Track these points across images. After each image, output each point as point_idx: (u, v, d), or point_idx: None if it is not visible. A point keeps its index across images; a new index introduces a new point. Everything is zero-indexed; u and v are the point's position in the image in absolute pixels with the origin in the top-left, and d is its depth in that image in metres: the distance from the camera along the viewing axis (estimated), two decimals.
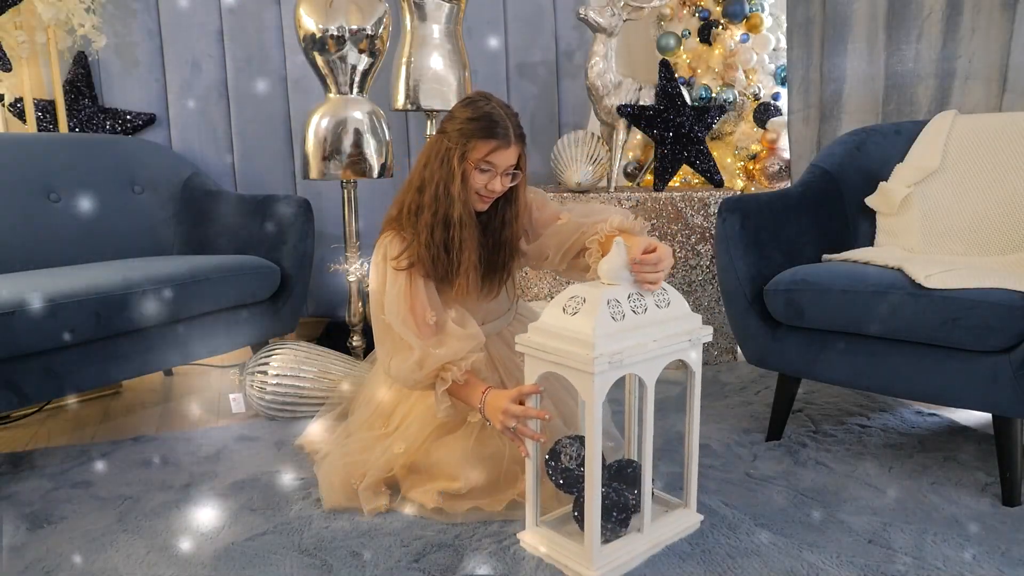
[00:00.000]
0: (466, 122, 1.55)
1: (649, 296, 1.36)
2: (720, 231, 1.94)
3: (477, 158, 1.55)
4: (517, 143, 1.58)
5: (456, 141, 1.55)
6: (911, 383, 1.63)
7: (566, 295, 1.34)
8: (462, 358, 1.52)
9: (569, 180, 2.68)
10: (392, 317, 1.57)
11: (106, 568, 1.39)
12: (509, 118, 1.57)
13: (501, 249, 1.67)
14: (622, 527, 1.38)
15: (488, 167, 1.56)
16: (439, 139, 1.60)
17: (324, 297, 3.04)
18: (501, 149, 1.55)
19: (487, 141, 1.54)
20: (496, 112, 1.56)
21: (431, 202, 1.58)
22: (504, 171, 1.58)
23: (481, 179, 1.57)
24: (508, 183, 1.61)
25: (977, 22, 2.37)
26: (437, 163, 1.58)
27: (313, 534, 1.49)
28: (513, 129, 1.57)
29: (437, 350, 1.52)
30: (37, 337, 1.72)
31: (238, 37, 2.90)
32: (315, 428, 1.93)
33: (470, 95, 1.63)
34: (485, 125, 1.54)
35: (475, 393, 1.50)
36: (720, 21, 3.03)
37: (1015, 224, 1.85)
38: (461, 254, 1.59)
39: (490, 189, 1.58)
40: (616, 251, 1.35)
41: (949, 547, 1.41)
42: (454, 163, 1.55)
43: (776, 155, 2.97)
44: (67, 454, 1.95)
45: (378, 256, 1.65)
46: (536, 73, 3.18)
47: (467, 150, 1.55)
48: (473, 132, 1.54)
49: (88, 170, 2.47)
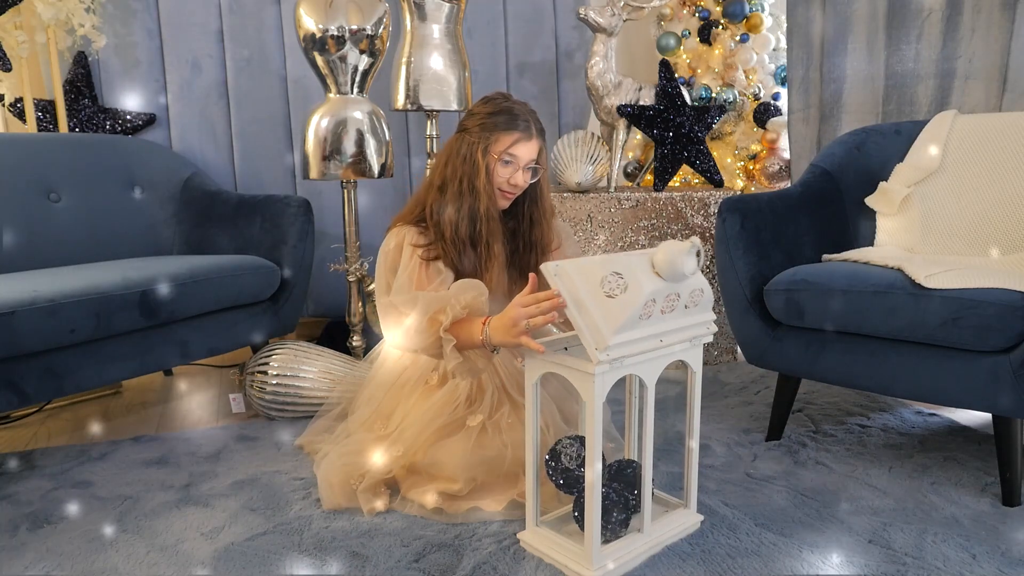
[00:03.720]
0: (487, 116, 1.60)
1: (686, 293, 1.30)
2: (720, 231, 1.94)
3: (500, 150, 1.59)
4: (538, 137, 1.63)
5: (478, 135, 1.59)
6: (911, 383, 1.63)
7: (609, 266, 1.24)
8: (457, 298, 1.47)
9: (569, 180, 2.68)
10: (397, 294, 1.56)
11: (106, 568, 1.39)
12: (529, 114, 1.62)
13: (532, 249, 1.70)
14: (622, 527, 1.38)
15: (510, 159, 1.60)
16: (460, 137, 1.63)
17: (324, 297, 3.04)
18: (523, 141, 1.59)
19: (509, 132, 1.58)
20: (516, 107, 1.61)
21: (455, 198, 1.60)
22: (526, 165, 1.62)
23: (504, 172, 1.61)
24: (530, 178, 1.65)
25: (977, 22, 2.37)
26: (459, 160, 1.61)
27: (313, 534, 1.49)
28: (534, 123, 1.62)
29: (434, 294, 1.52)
30: (37, 337, 1.72)
31: (238, 37, 2.90)
32: (315, 428, 1.93)
33: (488, 95, 1.67)
34: (506, 118, 1.59)
35: (476, 328, 1.44)
36: (720, 21, 3.03)
37: (1015, 224, 1.85)
38: (489, 248, 1.62)
39: (512, 183, 1.62)
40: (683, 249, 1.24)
41: (949, 547, 1.41)
42: (478, 156, 1.58)
43: (776, 155, 2.97)
44: (67, 454, 1.95)
45: (391, 243, 1.66)
46: (536, 73, 3.18)
47: (490, 143, 1.59)
48: (495, 125, 1.58)
49: (88, 170, 2.47)
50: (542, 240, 1.71)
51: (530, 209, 1.69)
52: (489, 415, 1.63)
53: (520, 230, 1.70)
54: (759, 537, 1.45)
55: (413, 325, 1.50)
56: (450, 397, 1.66)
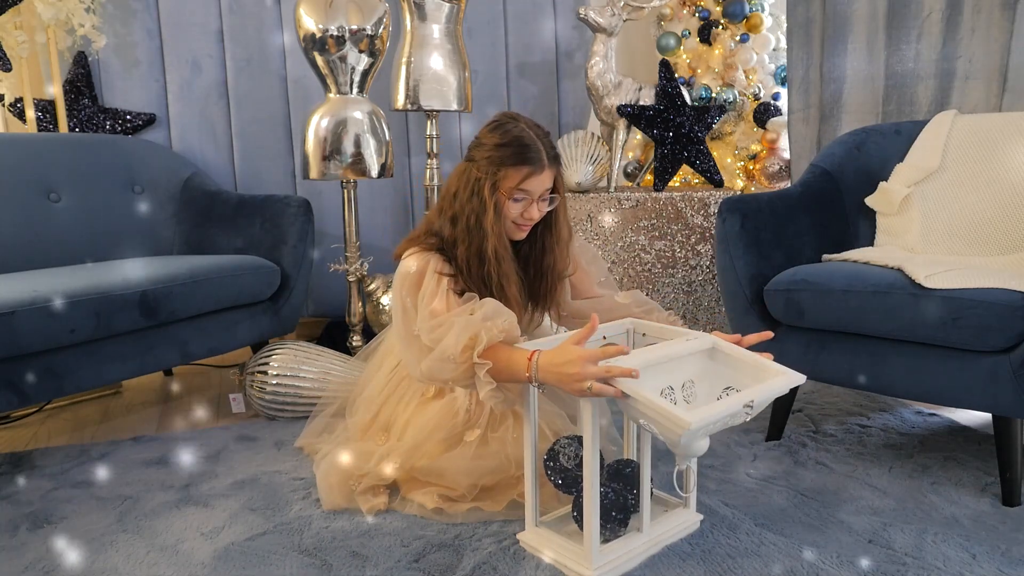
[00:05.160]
0: (495, 148, 1.45)
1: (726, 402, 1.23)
2: (720, 231, 1.94)
3: (510, 187, 1.45)
4: (551, 166, 1.48)
5: (485, 170, 1.46)
6: (911, 383, 1.63)
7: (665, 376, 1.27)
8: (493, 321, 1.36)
9: (569, 180, 2.68)
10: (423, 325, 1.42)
11: (106, 568, 1.39)
12: (540, 139, 1.47)
13: (543, 278, 1.59)
14: (621, 527, 1.38)
15: (522, 195, 1.47)
16: (467, 167, 1.50)
17: (324, 297, 3.04)
18: (535, 175, 1.45)
19: (519, 168, 1.44)
20: (526, 135, 1.46)
21: (464, 235, 1.48)
22: (540, 197, 1.49)
23: (516, 208, 1.48)
24: (546, 208, 1.52)
25: (977, 22, 2.37)
26: (467, 194, 1.47)
27: (313, 534, 1.49)
28: (546, 151, 1.47)
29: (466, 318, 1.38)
30: (37, 337, 1.72)
31: (238, 37, 2.90)
32: (313, 427, 1.92)
33: (497, 117, 1.52)
34: (515, 151, 1.44)
35: (519, 359, 1.30)
36: (720, 21, 3.03)
37: (1015, 224, 1.85)
38: (501, 289, 1.49)
39: (527, 217, 1.49)
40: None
41: (949, 547, 1.41)
42: (485, 194, 1.45)
43: (776, 155, 2.97)
44: (67, 454, 1.95)
45: (412, 266, 1.51)
46: (536, 73, 3.18)
47: (498, 179, 1.45)
48: (503, 159, 1.44)
49: (88, 170, 2.47)
50: (555, 267, 1.59)
51: (543, 236, 1.56)
52: (494, 428, 1.60)
53: (532, 256, 1.58)
54: (759, 537, 1.45)
55: (445, 353, 1.35)
56: (449, 409, 1.63)
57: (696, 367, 1.35)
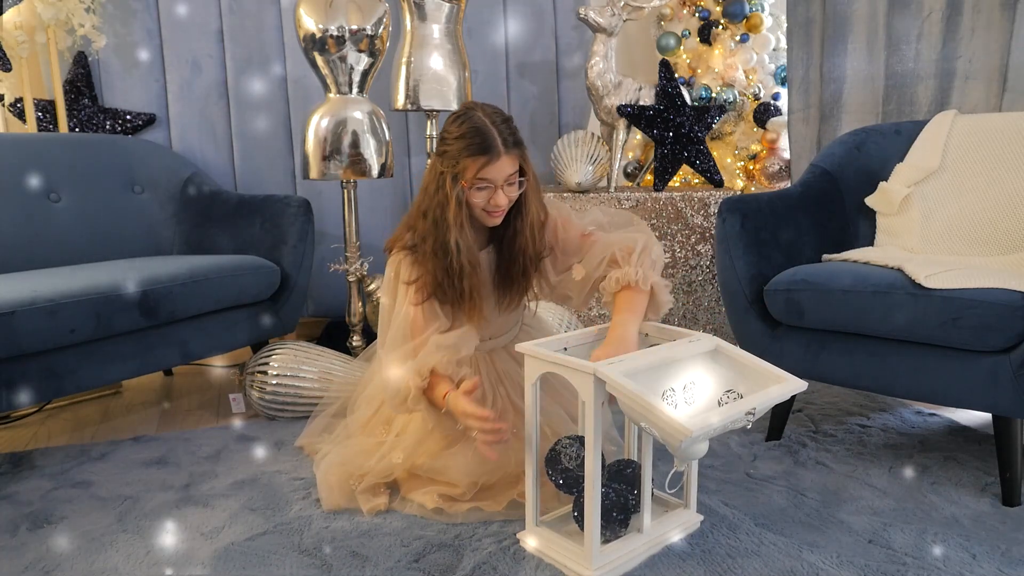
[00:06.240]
0: (454, 141, 1.48)
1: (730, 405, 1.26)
2: (720, 231, 1.94)
3: (469, 177, 1.47)
4: (510, 151, 1.49)
5: (447, 164, 1.49)
6: (911, 383, 1.63)
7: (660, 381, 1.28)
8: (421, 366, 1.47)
9: (569, 180, 2.68)
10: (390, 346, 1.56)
11: (106, 568, 1.39)
12: (497, 126, 1.47)
13: (514, 261, 1.60)
14: (622, 527, 1.38)
15: (484, 184, 1.49)
16: (435, 161, 1.55)
17: (324, 297, 3.04)
18: (491, 163, 1.46)
19: (475, 158, 1.46)
20: (482, 123, 1.47)
21: (432, 228, 1.53)
22: (505, 182, 1.50)
23: (481, 197, 1.50)
24: (514, 192, 1.53)
25: (977, 22, 2.37)
26: (433, 188, 1.53)
27: (313, 534, 1.49)
28: (502, 137, 1.47)
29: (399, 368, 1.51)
30: (37, 337, 1.72)
31: (238, 37, 2.90)
32: (313, 427, 1.92)
33: (458, 109, 1.55)
34: (470, 141, 1.46)
35: (439, 393, 1.46)
36: (720, 21, 3.03)
37: (1015, 224, 1.85)
38: (462, 281, 1.53)
39: (495, 204, 1.51)
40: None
41: (949, 547, 1.41)
42: (447, 187, 1.49)
43: (776, 155, 2.97)
44: (67, 454, 1.95)
45: (390, 272, 1.62)
46: (536, 73, 3.17)
47: (457, 171, 1.48)
48: (460, 151, 1.47)
49: (88, 170, 2.47)
50: (527, 251, 1.59)
51: (514, 220, 1.57)
52: None
53: (505, 239, 1.60)
54: (759, 537, 1.45)
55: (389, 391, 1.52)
56: None
57: (698, 369, 1.36)
